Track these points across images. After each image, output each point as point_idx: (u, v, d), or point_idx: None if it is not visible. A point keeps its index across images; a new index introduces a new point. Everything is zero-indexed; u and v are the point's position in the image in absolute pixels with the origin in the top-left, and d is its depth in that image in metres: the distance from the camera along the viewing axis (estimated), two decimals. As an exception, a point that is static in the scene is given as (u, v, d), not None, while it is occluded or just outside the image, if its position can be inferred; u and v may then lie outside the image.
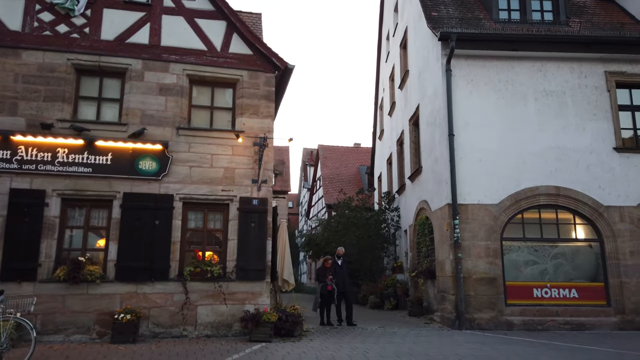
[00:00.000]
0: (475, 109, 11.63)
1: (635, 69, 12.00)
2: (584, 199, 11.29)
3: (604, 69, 11.98)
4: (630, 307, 10.80)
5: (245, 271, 8.81)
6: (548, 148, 11.52)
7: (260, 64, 9.77)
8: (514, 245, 11.24)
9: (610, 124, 11.71)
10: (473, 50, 11.82)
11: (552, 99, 11.81)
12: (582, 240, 11.32)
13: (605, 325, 10.66)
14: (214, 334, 8.53)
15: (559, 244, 11.28)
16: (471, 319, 10.59)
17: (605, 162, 11.51)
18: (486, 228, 11.04)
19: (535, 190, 11.31)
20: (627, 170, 11.48)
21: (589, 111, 11.77)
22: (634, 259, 11.03)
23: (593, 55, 11.94)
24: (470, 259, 10.89)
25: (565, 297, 10.98)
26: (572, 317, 10.71)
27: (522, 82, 11.87)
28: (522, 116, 11.68)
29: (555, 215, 11.43)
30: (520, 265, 11.13)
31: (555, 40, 11.85)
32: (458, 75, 11.79)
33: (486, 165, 11.36)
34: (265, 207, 9.10)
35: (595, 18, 13.38)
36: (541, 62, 11.99)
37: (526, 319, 10.66)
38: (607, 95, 11.86)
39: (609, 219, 11.20)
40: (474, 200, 11.19)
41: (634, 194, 11.36)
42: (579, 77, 11.94)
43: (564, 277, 11.10)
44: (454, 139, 11.40)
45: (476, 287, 10.77)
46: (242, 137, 9.18)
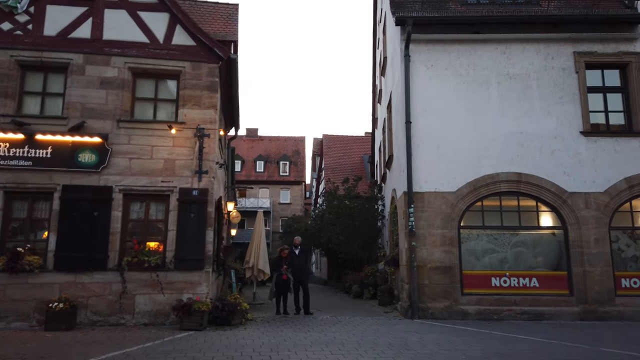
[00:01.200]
0: (435, 94, 11.35)
1: (606, 49, 11.46)
2: (547, 185, 10.92)
3: (572, 50, 11.48)
4: (593, 297, 10.44)
5: (184, 261, 8.92)
6: (510, 133, 11.16)
7: (203, 54, 9.80)
8: (473, 234, 10.98)
9: (578, 107, 11.23)
10: (433, 35, 11.52)
11: (516, 82, 11.41)
12: (544, 228, 10.97)
13: (566, 315, 10.34)
14: (151, 322, 8.70)
15: (520, 231, 10.97)
16: (425, 308, 10.44)
17: (571, 147, 11.07)
18: (443, 216, 10.82)
19: (496, 177, 11.00)
20: (595, 155, 11.02)
21: (555, 94, 11.32)
22: (598, 247, 10.62)
23: (561, 35, 11.46)
24: (426, 248, 10.71)
25: (526, 287, 10.69)
26: (531, 307, 10.42)
27: (485, 65, 11.51)
28: (484, 101, 11.34)
29: (517, 202, 11.10)
30: (479, 254, 10.88)
31: (518, 21, 11.41)
32: (417, 60, 11.52)
33: (445, 152, 11.10)
34: (205, 197, 9.16)
35: (573, -5, 12.79)
36: (505, 44, 11.57)
37: (482, 308, 10.44)
38: (576, 77, 11.37)
39: (573, 206, 10.81)
40: (431, 188, 10.97)
41: (601, 180, 10.91)
42: (546, 58, 11.48)
43: (525, 266, 10.79)
44: (411, 126, 11.18)
45: (431, 276, 10.60)
46: (181, 128, 9.24)
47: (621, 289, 10.60)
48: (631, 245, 10.82)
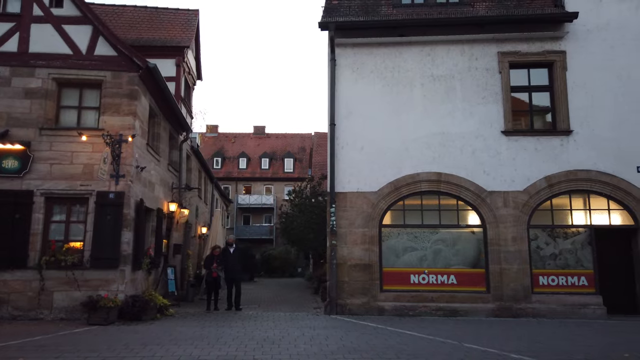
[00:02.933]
0: (361, 97, 11.66)
1: (531, 48, 11.57)
2: (467, 184, 11.13)
3: (497, 50, 11.62)
4: (509, 294, 10.64)
5: (99, 260, 9.50)
6: (432, 134, 11.40)
7: (124, 64, 10.33)
8: (394, 232, 11.28)
9: (501, 106, 11.39)
10: (359, 39, 11.82)
11: (440, 83, 11.62)
12: (464, 227, 11.19)
13: (481, 312, 10.58)
14: (68, 317, 9.31)
15: (441, 230, 11.21)
16: (343, 305, 10.81)
17: (492, 147, 11.25)
18: (364, 215, 11.15)
19: (416, 177, 11.26)
20: (515, 154, 11.18)
21: (478, 94, 11.49)
22: (516, 245, 10.81)
23: (486, 36, 11.61)
24: (347, 246, 11.06)
25: (444, 284, 10.95)
26: (447, 304, 10.69)
27: (410, 67, 11.75)
28: (408, 103, 11.59)
29: (437, 201, 11.35)
30: (399, 252, 11.17)
31: (443, 23, 11.60)
32: (344, 64, 11.83)
33: (368, 153, 11.40)
34: (122, 200, 9.71)
35: (506, -4, 12.86)
36: (431, 46, 11.79)
37: (398, 304, 10.75)
38: (499, 77, 11.53)
39: (492, 205, 11.00)
40: (354, 188, 11.30)
41: (521, 179, 11.07)
42: (470, 59, 11.66)
43: (444, 264, 11.05)
44: (335, 129, 11.53)
45: (351, 273, 10.96)
46: (99, 134, 9.77)
47: (539, 286, 10.77)
48: (550, 243, 10.95)
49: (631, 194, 10.77)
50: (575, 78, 11.32)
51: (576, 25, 11.46)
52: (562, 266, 10.82)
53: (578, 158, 11.01)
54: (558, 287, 10.72)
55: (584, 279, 10.73)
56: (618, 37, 11.37)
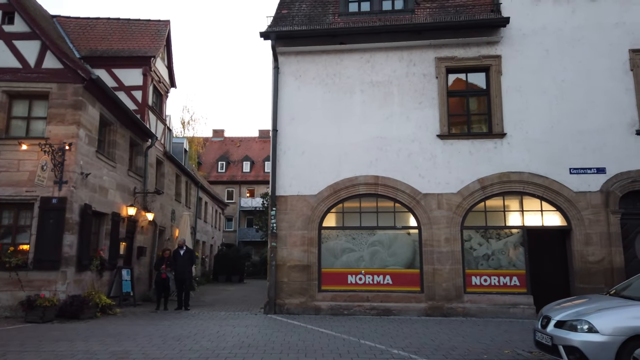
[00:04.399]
0: (303, 103, 12.06)
1: (468, 53, 11.84)
2: (403, 187, 11.45)
3: (434, 55, 11.93)
4: (441, 294, 10.92)
5: (42, 262, 10.08)
6: (371, 138, 11.74)
7: (69, 76, 10.92)
8: (333, 234, 11.65)
9: (437, 111, 11.69)
10: (302, 47, 12.22)
11: (379, 89, 11.96)
12: (399, 228, 11.49)
13: (414, 311, 10.88)
14: (12, 315, 9.89)
15: (378, 231, 11.54)
16: (282, 304, 11.22)
17: (427, 150, 11.55)
18: (303, 218, 11.54)
19: (355, 180, 11.61)
20: (450, 157, 11.45)
21: (415, 99, 11.81)
22: (449, 245, 11.09)
23: (423, 42, 11.92)
24: (287, 248, 11.46)
25: (379, 284, 11.27)
26: (382, 303, 11.02)
27: (350, 74, 12.11)
28: (348, 108, 11.96)
29: (375, 203, 11.68)
30: (338, 253, 11.53)
31: (382, 31, 11.93)
32: (287, 71, 12.26)
33: (309, 158, 11.79)
34: (64, 205, 10.29)
35: (451, 1, 13.10)
36: (370, 53, 12.14)
37: (334, 304, 11.11)
38: (436, 82, 11.82)
39: (426, 207, 11.30)
40: (294, 192, 11.70)
41: (454, 181, 11.34)
42: (408, 65, 11.98)
43: (380, 264, 11.37)
44: (277, 134, 11.95)
45: (290, 274, 11.36)
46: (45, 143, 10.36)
47: (471, 286, 11.02)
48: (483, 244, 11.20)
49: (563, 195, 10.96)
50: (510, 82, 11.56)
51: (512, 29, 11.71)
52: (495, 266, 11.06)
53: (511, 160, 11.24)
54: (490, 287, 10.96)
55: (516, 279, 10.95)
56: (553, 41, 11.58)
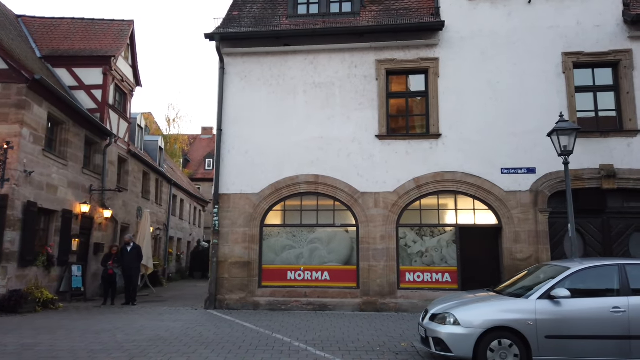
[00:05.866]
0: (247, 103, 12.35)
1: (407, 55, 12.12)
2: (342, 186, 11.75)
3: (375, 58, 12.21)
4: (375, 290, 11.24)
5: (-20, 258, 10.40)
6: (312, 138, 12.03)
7: (14, 76, 11.19)
8: (274, 231, 11.96)
9: (376, 112, 11.98)
10: (246, 48, 12.49)
11: (321, 90, 12.24)
12: (338, 226, 11.80)
13: (349, 306, 11.21)
14: (-46, 309, 10.21)
15: (318, 229, 11.85)
16: (222, 300, 11.54)
17: (366, 150, 11.84)
18: (245, 216, 11.84)
19: (296, 179, 11.91)
20: (388, 157, 11.75)
21: (356, 101, 12.09)
22: (384, 243, 11.40)
23: (365, 44, 12.19)
24: (228, 245, 11.77)
25: (318, 280, 11.60)
26: (319, 299, 11.34)
27: (294, 75, 12.39)
28: (291, 109, 12.24)
29: (316, 202, 11.98)
30: (278, 250, 11.84)
31: (321, 33, 12.20)
32: (233, 72, 12.53)
33: (252, 157, 12.08)
34: (5, 202, 10.57)
35: (396, 4, 13.37)
36: (314, 55, 12.42)
37: (273, 300, 11.43)
38: (376, 84, 12.11)
39: (364, 205, 11.61)
40: (237, 190, 12.00)
41: (391, 180, 11.64)
42: (350, 67, 12.26)
43: (319, 261, 11.69)
44: (222, 134, 12.24)
45: (231, 270, 11.67)
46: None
47: (405, 282, 11.35)
48: (418, 241, 11.52)
49: (494, 195, 11.28)
50: (447, 84, 11.85)
51: (450, 32, 12.00)
52: (428, 263, 11.39)
53: (446, 160, 11.55)
54: (423, 283, 11.29)
55: (448, 275, 11.28)
56: (489, 44, 11.87)
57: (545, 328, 5.44)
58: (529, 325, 5.47)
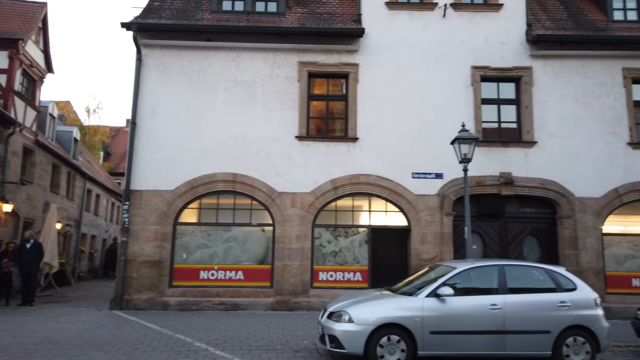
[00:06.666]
0: (165, 98, 11.96)
1: (329, 59, 12.32)
2: (260, 185, 11.73)
3: (298, 59, 12.31)
4: (288, 289, 11.34)
5: None
6: (232, 137, 11.89)
7: None
8: (188, 230, 11.70)
9: (297, 113, 12.08)
10: (166, 41, 12.11)
11: (243, 88, 12.14)
12: (255, 225, 11.78)
13: (261, 306, 11.20)
14: None
15: (234, 228, 11.75)
16: (129, 300, 11.10)
17: (285, 151, 11.90)
18: (158, 213, 11.47)
19: (213, 177, 11.72)
20: (306, 158, 11.89)
21: (277, 101, 12.11)
22: (299, 242, 11.52)
23: (288, 45, 12.24)
24: (139, 243, 11.34)
25: (231, 279, 11.50)
26: (231, 298, 11.24)
27: (215, 72, 12.19)
28: (211, 106, 12.02)
29: (233, 201, 11.87)
30: (192, 249, 11.60)
31: (244, 31, 12.10)
32: (151, 64, 12.10)
33: (169, 153, 11.72)
34: None
35: (321, 8, 13.50)
36: (237, 52, 12.28)
37: (183, 300, 11.17)
38: (298, 85, 12.21)
39: (281, 205, 11.66)
40: (151, 186, 11.59)
41: (309, 181, 11.79)
42: (272, 67, 12.26)
43: (234, 260, 11.60)
44: (136, 127, 11.78)
45: (140, 269, 11.25)
46: None
47: (318, 281, 11.55)
48: (332, 241, 11.78)
49: (405, 198, 11.77)
50: (366, 89, 12.20)
51: (370, 40, 12.36)
52: (341, 262, 11.68)
53: (362, 163, 11.89)
54: (335, 282, 11.56)
55: (359, 274, 11.63)
56: (407, 53, 12.36)
57: (430, 324, 5.79)
58: (416, 322, 5.79)
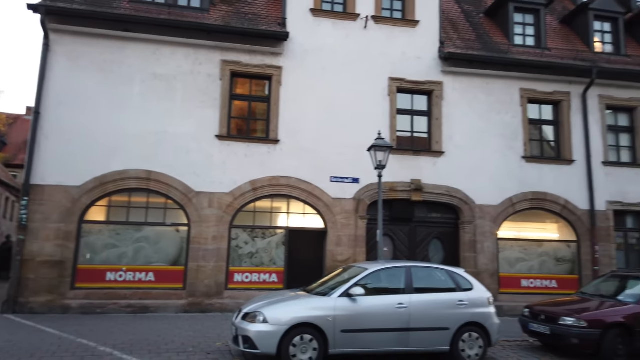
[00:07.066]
0: (75, 88, 11.21)
1: (253, 60, 12.28)
2: (176, 184, 11.39)
3: (220, 58, 12.13)
4: (202, 290, 11.12)
5: None
6: (149, 132, 11.43)
7: None
8: (95, 229, 11.06)
9: (218, 112, 11.89)
10: (79, 28, 11.36)
11: (162, 83, 11.72)
12: (169, 225, 11.42)
13: (173, 308, 10.89)
14: None
15: (146, 227, 11.30)
16: (25, 303, 10.26)
17: (205, 150, 11.67)
18: (62, 210, 10.72)
19: (125, 174, 11.19)
20: (226, 158, 11.75)
21: (198, 98, 11.84)
22: (216, 243, 11.36)
23: (211, 43, 12.00)
24: (38, 242, 10.51)
25: (141, 281, 11.04)
26: (140, 300, 10.79)
27: (132, 64, 11.65)
28: (126, 99, 11.46)
29: (146, 199, 11.42)
30: (99, 249, 10.97)
31: (164, 24, 11.68)
32: (60, 51, 11.29)
33: (75, 147, 10.99)
34: None
35: (246, 8, 13.35)
36: (157, 45, 11.82)
37: (87, 302, 10.53)
38: (220, 84, 12.03)
39: (198, 205, 11.41)
40: (54, 181, 10.80)
41: (228, 181, 11.66)
42: (194, 63, 11.97)
43: (144, 261, 11.15)
44: (39, 117, 10.92)
45: (39, 270, 10.44)
46: None
47: (233, 283, 11.46)
48: (249, 242, 11.75)
49: (323, 201, 12.06)
50: (289, 92, 12.32)
51: (295, 44, 12.52)
52: (258, 264, 11.68)
53: (282, 165, 11.98)
54: (250, 284, 11.54)
55: (275, 275, 11.72)
56: (330, 61, 12.66)
57: (342, 323, 6.02)
58: (328, 321, 5.99)
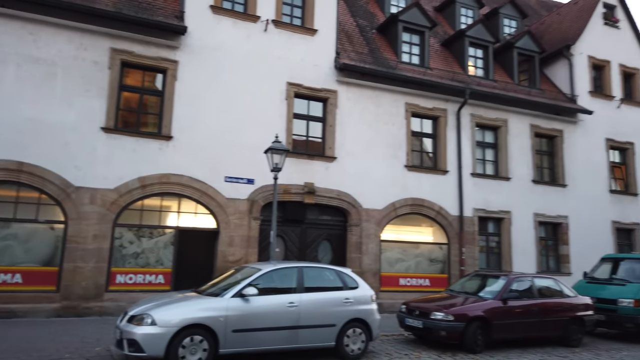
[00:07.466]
0: None
1: (147, 51, 11.73)
2: (53, 177, 10.47)
3: (110, 45, 11.40)
4: (79, 293, 10.37)
5: None
6: (22, 120, 10.36)
7: None
8: (-50, 225, 9.76)
9: (104, 102, 11.17)
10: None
11: (40, 67, 10.70)
12: (42, 222, 10.47)
13: (44, 312, 10.02)
14: None
15: (14, 224, 10.23)
16: None
17: (88, 142, 10.89)
18: None
19: (-10, 165, 10.03)
20: (112, 152, 11.08)
21: (82, 87, 11.01)
22: (97, 242, 10.66)
23: (99, 28, 11.23)
24: None
25: (6, 283, 9.99)
26: (4, 305, 9.75)
27: (5, 43, 10.49)
28: (-3, 81, 10.28)
29: (16, 193, 10.34)
30: (-47, 248, 9.70)
31: (49, 4, 10.67)
32: None
33: None
34: None
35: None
36: (35, 25, 10.77)
37: (-64, 308, 9.25)
38: (108, 73, 11.30)
39: (77, 201, 10.62)
40: None
41: (113, 177, 11.01)
42: (78, 48, 11.10)
43: (11, 261, 10.09)
44: None
45: None
46: None
47: (115, 284, 10.85)
48: (135, 242, 11.21)
49: (216, 200, 11.93)
50: (184, 88, 11.97)
51: (193, 39, 12.21)
52: (143, 265, 11.19)
53: (175, 163, 11.61)
54: (135, 285, 11.01)
55: (162, 276, 11.32)
56: (229, 58, 12.54)
57: (233, 323, 6.10)
58: (220, 322, 6.03)
